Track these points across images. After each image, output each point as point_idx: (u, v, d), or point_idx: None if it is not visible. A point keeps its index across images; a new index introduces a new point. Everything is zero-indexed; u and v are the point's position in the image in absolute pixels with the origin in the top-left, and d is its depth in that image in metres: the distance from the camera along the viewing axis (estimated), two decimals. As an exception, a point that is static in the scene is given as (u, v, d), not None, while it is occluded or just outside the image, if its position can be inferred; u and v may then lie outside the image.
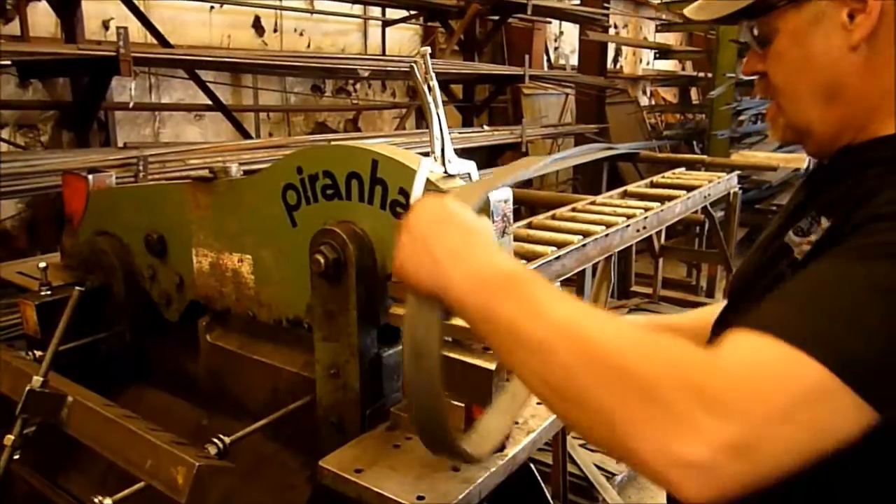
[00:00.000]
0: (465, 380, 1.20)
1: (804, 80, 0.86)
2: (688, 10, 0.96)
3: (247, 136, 5.06)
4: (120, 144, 4.65)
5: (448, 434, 0.86)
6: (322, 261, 1.24)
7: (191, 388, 1.79)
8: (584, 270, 2.60)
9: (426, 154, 1.20)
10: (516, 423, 1.32)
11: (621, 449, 0.64)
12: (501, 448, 1.21)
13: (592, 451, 2.87)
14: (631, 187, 3.86)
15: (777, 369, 0.62)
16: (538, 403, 1.34)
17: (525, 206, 4.45)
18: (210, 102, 4.84)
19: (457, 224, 0.82)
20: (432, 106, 1.15)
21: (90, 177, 1.92)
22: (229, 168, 1.53)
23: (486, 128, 6.08)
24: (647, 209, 3.15)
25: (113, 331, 1.88)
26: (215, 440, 1.26)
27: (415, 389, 0.81)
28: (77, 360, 1.85)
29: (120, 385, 1.95)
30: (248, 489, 1.52)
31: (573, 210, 3.14)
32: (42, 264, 1.85)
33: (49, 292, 1.85)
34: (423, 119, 8.59)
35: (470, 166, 1.23)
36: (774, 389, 0.61)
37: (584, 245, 2.49)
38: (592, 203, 3.32)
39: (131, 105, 4.01)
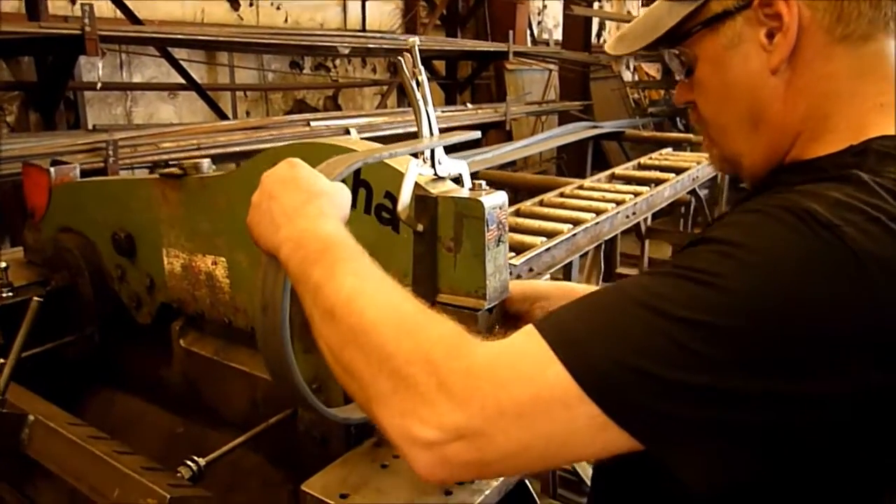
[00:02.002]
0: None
1: (728, 109, 0.80)
2: (607, 47, 0.90)
3: (222, 115, 4.91)
4: (90, 125, 4.49)
5: (295, 379, 0.91)
6: (302, 270, 1.14)
7: (165, 394, 1.70)
8: (571, 259, 2.52)
9: (414, 154, 1.11)
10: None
11: (374, 419, 0.69)
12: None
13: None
14: (618, 170, 3.79)
15: (525, 367, 0.63)
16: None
17: (509, 189, 4.37)
18: (184, 81, 4.66)
19: (300, 186, 0.84)
20: (421, 103, 1.05)
21: (52, 170, 1.80)
22: (200, 164, 1.42)
23: (469, 106, 5.96)
24: (636, 194, 3.07)
25: (81, 333, 1.78)
26: (189, 462, 1.17)
27: (263, 338, 0.87)
28: (44, 364, 1.76)
29: (90, 390, 1.85)
30: (228, 505, 1.44)
31: (561, 195, 3.05)
32: (2, 264, 1.74)
33: (11, 293, 1.73)
34: (405, 96, 8.41)
35: (461, 167, 1.13)
36: (516, 385, 0.62)
37: (574, 234, 2.41)
38: (580, 188, 3.24)
39: (99, 87, 3.85)
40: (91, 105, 4.77)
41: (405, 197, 1.01)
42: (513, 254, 2.09)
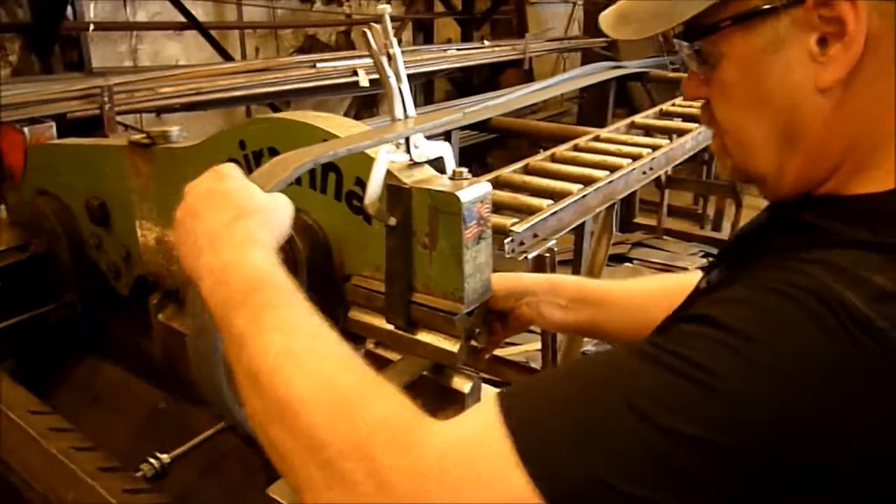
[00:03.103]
0: (435, 400, 1.04)
1: (755, 123, 0.64)
2: (605, 26, 0.72)
3: (227, 56, 4.73)
4: (94, 64, 4.36)
5: (229, 406, 0.89)
6: (267, 261, 1.05)
7: (148, 366, 1.65)
8: (582, 221, 2.40)
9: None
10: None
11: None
12: None
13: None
14: (639, 118, 3.60)
15: (482, 468, 0.53)
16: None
17: (522, 138, 4.20)
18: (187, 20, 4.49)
19: (228, 202, 0.72)
20: (393, 80, 0.92)
21: (27, 129, 1.71)
22: (169, 133, 1.32)
23: (486, 43, 5.70)
24: (654, 147, 2.91)
25: (62, 301, 1.72)
26: (151, 460, 1.12)
27: (196, 364, 0.84)
28: (26, 331, 1.71)
29: (75, 357, 1.81)
30: (205, 487, 1.40)
31: (575, 149, 2.90)
32: (-25, 229, 1.67)
33: (-11, 259, 1.67)
34: (421, 31, 8.13)
35: (443, 149, 1.01)
36: (469, 490, 0.53)
37: (584, 196, 2.27)
38: (596, 139, 3.07)
39: (91, 28, 3.69)
40: (95, 44, 4.62)
41: (373, 189, 0.90)
42: (516, 220, 1.97)
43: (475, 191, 0.92)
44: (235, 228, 0.70)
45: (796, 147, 0.63)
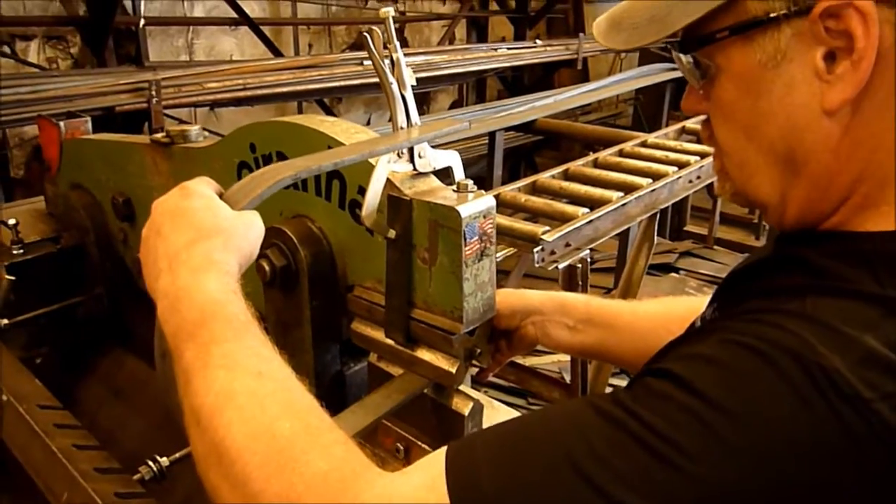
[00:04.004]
0: (435, 420, 1.00)
1: (756, 144, 0.58)
2: (597, 33, 0.66)
3: (277, 52, 4.77)
4: (150, 58, 4.46)
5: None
6: (268, 269, 1.02)
7: (168, 363, 1.66)
8: (621, 229, 2.31)
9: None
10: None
11: None
12: None
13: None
14: (690, 123, 3.46)
15: None
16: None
17: (568, 140, 4.10)
18: (239, 16, 4.54)
19: (191, 222, 0.69)
20: (395, 87, 0.89)
21: (62, 124, 1.73)
22: (188, 132, 1.31)
23: (538, 42, 5.62)
24: (703, 154, 2.79)
25: (91, 293, 1.75)
26: (150, 462, 1.10)
27: (164, 385, 0.79)
28: (56, 322, 1.74)
29: (102, 349, 1.84)
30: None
31: (619, 154, 2.80)
32: (12, 220, 1.70)
33: (21, 251, 1.70)
34: (475, 28, 8.07)
35: (451, 159, 0.97)
36: None
37: (623, 204, 2.19)
38: (643, 144, 2.97)
39: (142, 24, 3.78)
40: (153, 37, 4.73)
41: (370, 201, 0.87)
42: (547, 228, 1.91)
43: (477, 205, 0.87)
44: (194, 251, 0.66)
45: (800, 174, 0.56)
